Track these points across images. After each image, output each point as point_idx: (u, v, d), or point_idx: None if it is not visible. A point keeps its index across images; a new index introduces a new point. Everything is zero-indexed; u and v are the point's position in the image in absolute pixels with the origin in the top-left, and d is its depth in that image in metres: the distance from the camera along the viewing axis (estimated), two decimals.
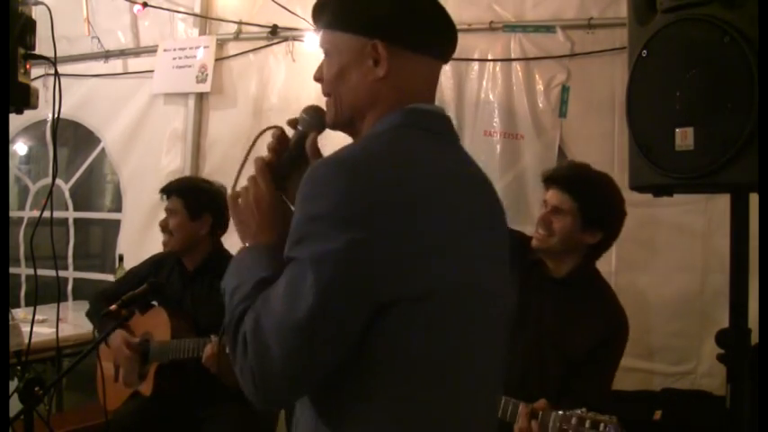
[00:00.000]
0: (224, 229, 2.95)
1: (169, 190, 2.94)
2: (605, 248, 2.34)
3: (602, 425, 1.80)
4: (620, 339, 2.26)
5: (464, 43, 3.45)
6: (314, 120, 1.35)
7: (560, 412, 1.90)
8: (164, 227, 2.89)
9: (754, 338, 1.85)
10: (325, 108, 1.32)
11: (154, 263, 3.00)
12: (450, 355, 1.13)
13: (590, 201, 2.26)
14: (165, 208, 2.93)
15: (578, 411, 1.87)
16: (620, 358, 2.27)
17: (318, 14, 1.32)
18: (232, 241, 3.03)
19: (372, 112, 1.25)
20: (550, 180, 2.35)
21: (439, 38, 1.32)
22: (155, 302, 2.88)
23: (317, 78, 1.31)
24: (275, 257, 1.18)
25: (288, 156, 1.36)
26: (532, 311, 2.29)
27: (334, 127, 1.31)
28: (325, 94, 1.30)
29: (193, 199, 2.87)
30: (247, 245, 1.28)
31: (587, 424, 1.82)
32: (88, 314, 3.03)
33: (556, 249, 2.29)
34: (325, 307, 1.04)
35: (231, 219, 1.33)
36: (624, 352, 2.28)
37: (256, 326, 1.07)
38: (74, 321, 3.64)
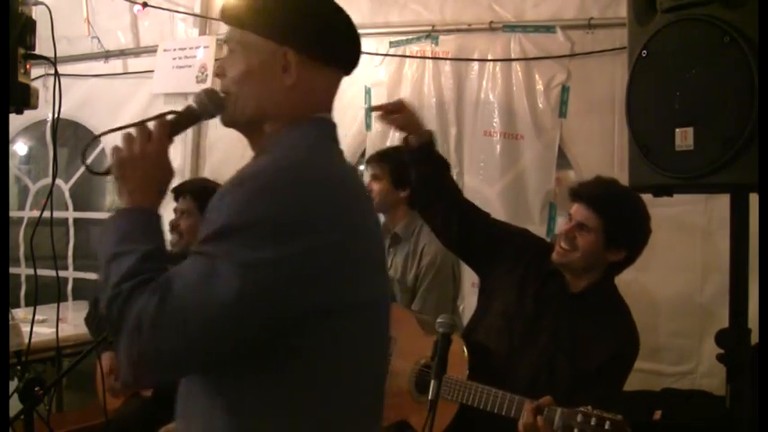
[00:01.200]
0: None
1: (182, 191, 2.91)
2: (627, 266, 2.32)
3: (607, 423, 1.78)
4: (632, 355, 2.26)
5: (464, 43, 3.46)
6: (212, 105, 1.31)
7: (566, 409, 1.89)
8: (174, 227, 2.86)
9: (754, 338, 1.85)
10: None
11: None
12: (355, 361, 1.21)
13: (616, 220, 2.23)
14: (175, 208, 2.90)
15: (583, 408, 1.85)
16: (629, 373, 2.27)
17: (229, 12, 1.31)
18: None
19: (277, 119, 1.26)
20: (577, 195, 2.32)
21: (346, 52, 1.33)
22: None
23: (218, 74, 1.31)
24: (157, 226, 1.22)
25: (176, 125, 1.31)
26: (546, 321, 2.28)
27: (229, 124, 1.32)
28: (224, 91, 1.29)
29: (207, 201, 2.82)
30: (125, 206, 1.23)
31: (593, 421, 1.81)
32: (86, 319, 3.02)
33: (577, 265, 2.27)
34: (240, 311, 1.07)
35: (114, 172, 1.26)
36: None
37: (160, 309, 1.06)
38: (74, 321, 3.64)
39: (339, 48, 1.30)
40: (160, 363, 1.08)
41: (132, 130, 1.25)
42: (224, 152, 4.05)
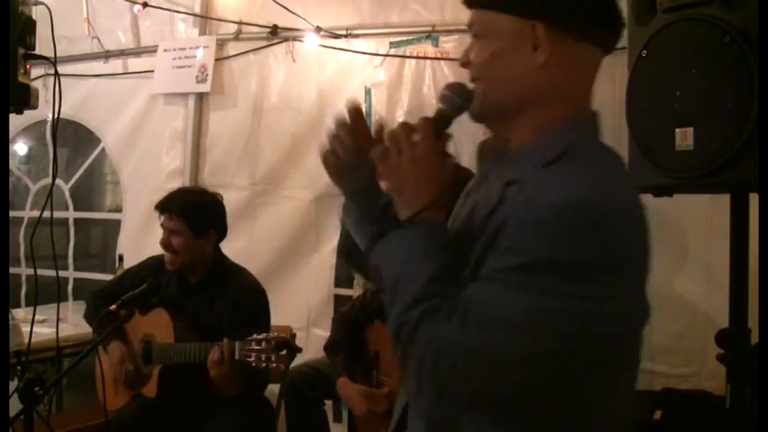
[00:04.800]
0: (225, 236, 2.92)
1: (167, 208, 2.79)
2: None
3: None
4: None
5: (464, 43, 3.44)
6: (460, 99, 1.16)
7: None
8: (166, 245, 2.75)
9: (755, 338, 1.85)
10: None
11: (152, 267, 2.93)
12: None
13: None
14: (163, 225, 2.78)
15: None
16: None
17: None
18: (232, 246, 3.03)
19: (534, 111, 1.12)
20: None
21: (605, 25, 1.14)
22: (154, 305, 2.86)
23: (464, 63, 1.18)
24: (442, 240, 1.09)
25: (436, 126, 1.17)
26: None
27: (479, 117, 1.17)
28: (473, 78, 1.16)
29: (196, 217, 2.76)
30: (406, 219, 1.11)
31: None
32: (86, 316, 3.01)
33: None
34: (564, 355, 0.99)
35: (384, 179, 1.16)
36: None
37: (456, 342, 0.98)
38: (74, 321, 3.64)
39: (596, 19, 1.12)
40: (457, 399, 1.03)
41: (396, 131, 1.13)
42: (224, 152, 4.05)
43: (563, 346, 0.98)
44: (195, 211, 2.78)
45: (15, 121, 4.36)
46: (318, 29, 3.74)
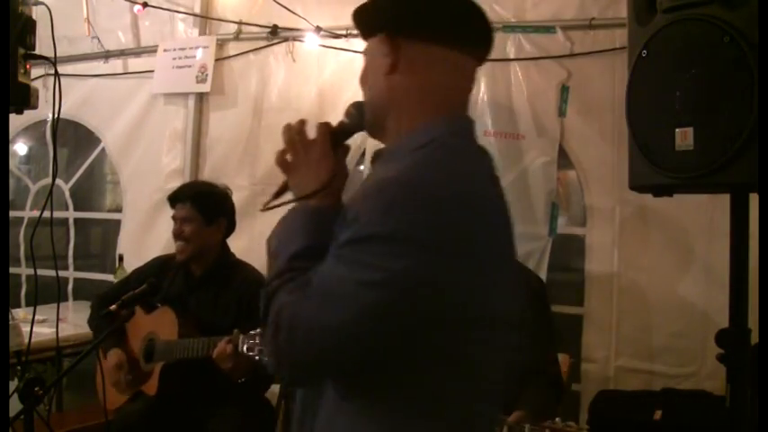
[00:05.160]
0: (233, 230, 2.95)
1: (180, 197, 2.88)
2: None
3: None
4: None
5: None
6: (359, 115, 1.28)
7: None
8: (178, 235, 2.83)
9: (755, 338, 1.85)
10: None
11: (158, 265, 2.97)
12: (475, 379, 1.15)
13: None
14: (174, 216, 2.85)
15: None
16: None
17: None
18: (234, 245, 3.03)
19: (396, 115, 1.19)
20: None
21: (457, 26, 1.19)
22: (158, 304, 2.87)
23: None
24: (315, 224, 1.16)
25: (335, 136, 1.29)
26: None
27: (369, 132, 1.28)
28: None
29: (207, 204, 2.84)
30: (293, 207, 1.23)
31: None
32: (89, 320, 3.01)
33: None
34: (361, 330, 1.03)
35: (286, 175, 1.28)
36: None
37: (294, 312, 1.05)
38: (74, 321, 3.64)
39: (442, 22, 1.17)
40: (291, 365, 1.09)
41: (292, 135, 1.28)
42: (224, 152, 4.05)
43: (381, 320, 1.02)
44: (206, 199, 2.87)
45: (15, 121, 4.36)
46: (318, 29, 3.74)
